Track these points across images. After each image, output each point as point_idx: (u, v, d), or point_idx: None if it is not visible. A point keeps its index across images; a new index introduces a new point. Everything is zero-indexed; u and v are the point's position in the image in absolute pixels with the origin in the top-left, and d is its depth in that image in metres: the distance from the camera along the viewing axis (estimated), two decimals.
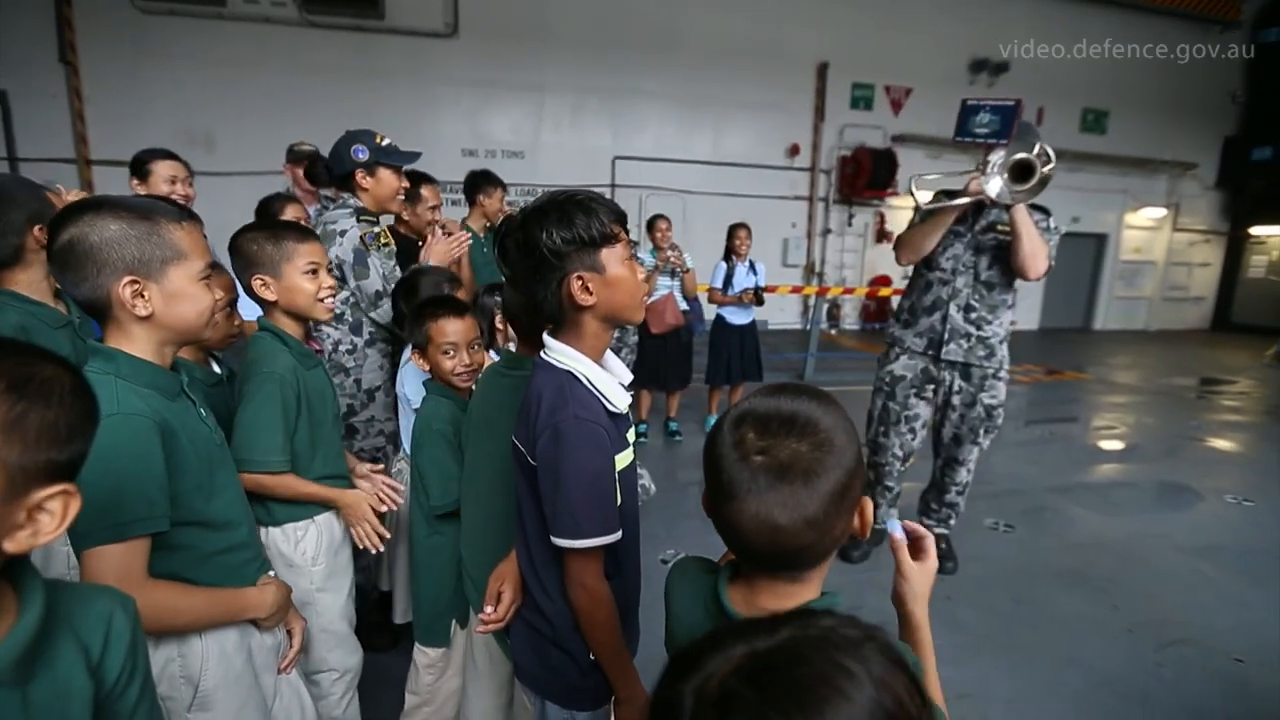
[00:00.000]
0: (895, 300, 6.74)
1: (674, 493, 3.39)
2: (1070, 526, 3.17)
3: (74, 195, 1.74)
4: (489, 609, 1.11)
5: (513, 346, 1.40)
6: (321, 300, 1.31)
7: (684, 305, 4.15)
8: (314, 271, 1.30)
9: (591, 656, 1.04)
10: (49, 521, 0.53)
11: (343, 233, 1.95)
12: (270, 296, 1.27)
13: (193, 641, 0.96)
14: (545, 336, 1.03)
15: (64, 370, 0.56)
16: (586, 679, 1.06)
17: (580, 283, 0.95)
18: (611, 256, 0.97)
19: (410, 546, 1.52)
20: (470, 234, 2.38)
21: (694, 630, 0.78)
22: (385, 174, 2.03)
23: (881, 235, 9.59)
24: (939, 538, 2.69)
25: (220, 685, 0.97)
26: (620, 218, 0.99)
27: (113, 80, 7.11)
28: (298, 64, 7.41)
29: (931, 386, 2.57)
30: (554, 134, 8.35)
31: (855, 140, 9.19)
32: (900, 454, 2.67)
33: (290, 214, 2.51)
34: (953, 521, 2.70)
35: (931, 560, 0.83)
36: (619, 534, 1.00)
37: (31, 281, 1.47)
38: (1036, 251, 2.24)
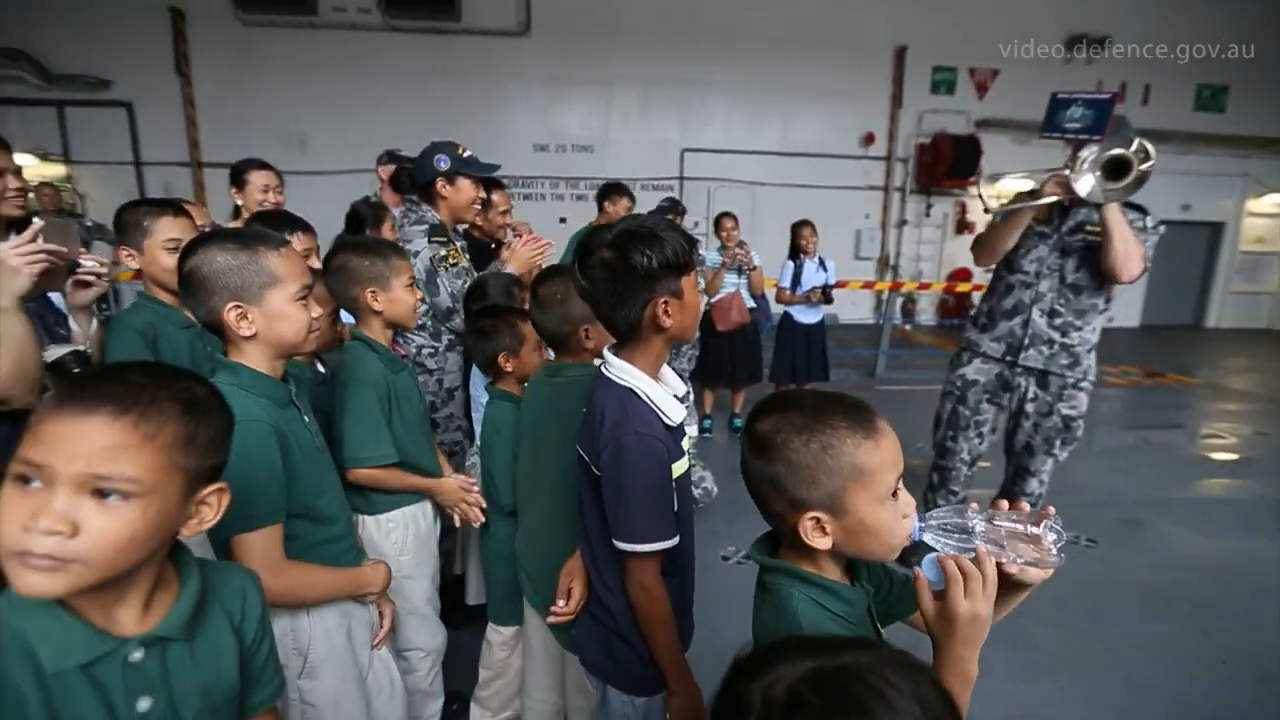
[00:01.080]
0: (976, 296, 6.44)
1: (736, 489, 3.39)
2: (1162, 544, 2.97)
3: (196, 212, 1.93)
4: (560, 603, 1.20)
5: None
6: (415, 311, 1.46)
7: (751, 303, 4.15)
8: (411, 285, 1.43)
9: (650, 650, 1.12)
10: (209, 513, 0.66)
11: (415, 253, 2.07)
12: (379, 308, 1.40)
13: (301, 619, 1.09)
14: (606, 353, 1.10)
15: (211, 391, 0.68)
16: (646, 668, 1.14)
17: (664, 306, 1.01)
18: (688, 283, 1.04)
19: (482, 535, 1.64)
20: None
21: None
22: (464, 184, 2.15)
23: (962, 226, 9.13)
24: None
25: (325, 657, 1.10)
26: (694, 245, 1.05)
27: (220, 88, 7.73)
28: (380, 67, 7.80)
29: (1006, 393, 2.47)
30: (623, 128, 8.43)
31: (935, 126, 8.77)
32: (968, 459, 2.58)
33: (387, 223, 2.70)
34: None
35: (954, 606, 0.71)
36: (676, 539, 1.06)
37: (159, 292, 1.67)
38: (1130, 253, 2.10)
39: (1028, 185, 2.32)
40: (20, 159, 1.69)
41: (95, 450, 0.56)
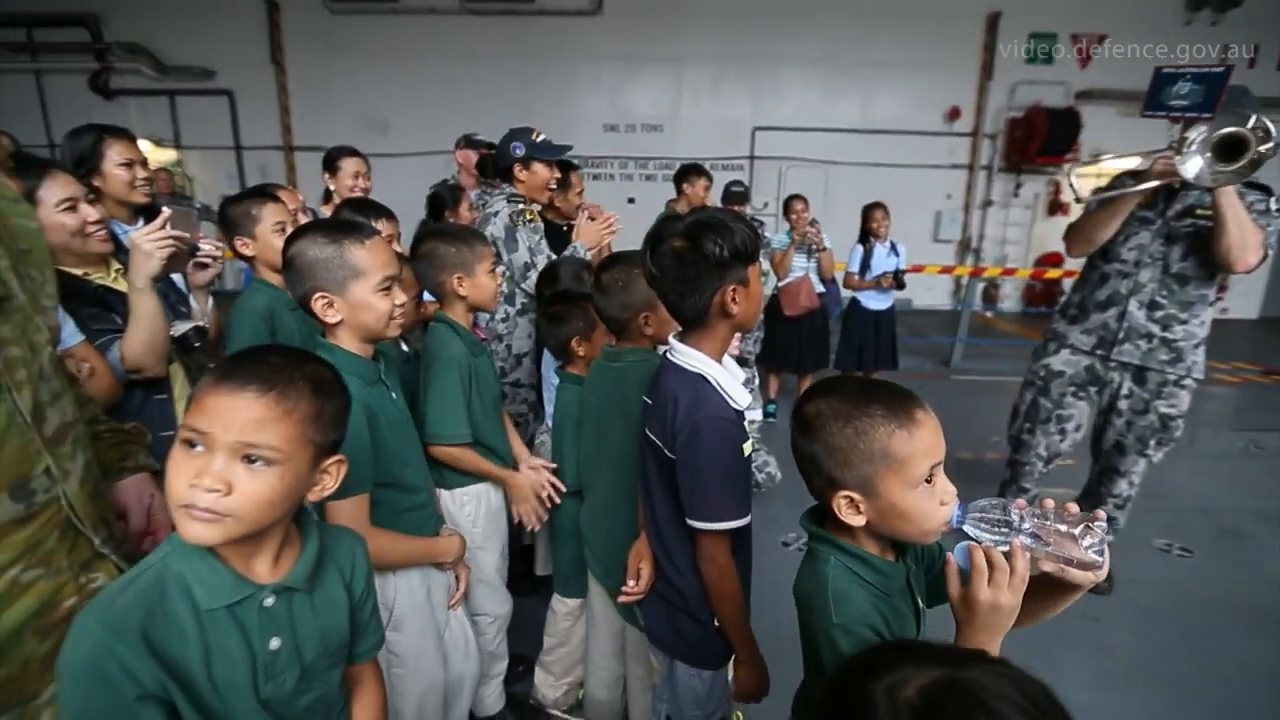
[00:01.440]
0: (1068, 284, 6.04)
1: (799, 475, 3.38)
2: (1266, 558, 2.74)
3: (288, 196, 2.07)
4: (631, 583, 1.27)
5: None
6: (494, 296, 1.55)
7: (820, 287, 4.05)
8: (493, 271, 1.52)
9: (716, 623, 1.17)
10: (329, 481, 0.76)
11: (495, 213, 2.21)
12: (463, 293, 1.49)
13: (388, 577, 1.20)
14: (673, 340, 1.14)
15: (334, 373, 0.77)
16: (712, 642, 1.19)
17: (733, 293, 1.05)
18: (753, 271, 1.07)
19: (551, 512, 1.71)
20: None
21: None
22: (538, 167, 2.26)
23: (1055, 207, 8.51)
24: None
25: (407, 613, 1.21)
26: (758, 235, 1.09)
27: (309, 76, 8.16)
28: (457, 50, 7.99)
29: (1095, 387, 2.32)
30: (693, 106, 8.30)
31: (1029, 99, 8.15)
32: (1044, 454, 2.45)
33: (464, 204, 2.82)
34: (1109, 537, 2.44)
35: (976, 593, 0.74)
36: (749, 517, 1.11)
37: (268, 274, 1.82)
38: (1245, 241, 1.92)
39: (1132, 163, 2.14)
40: (139, 146, 1.87)
41: (246, 422, 0.66)
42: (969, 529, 0.79)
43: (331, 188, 2.80)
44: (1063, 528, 0.74)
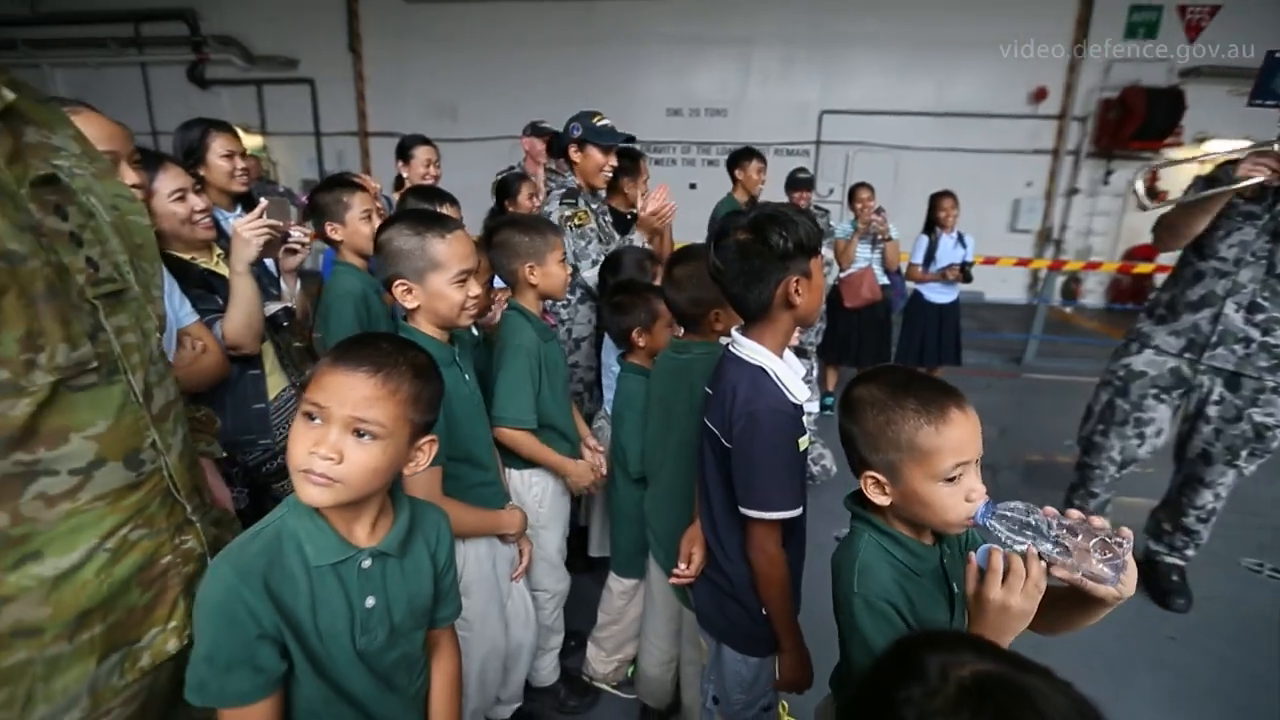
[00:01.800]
0: (1159, 279, 5.64)
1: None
2: None
3: (369, 181, 2.18)
4: (682, 566, 1.31)
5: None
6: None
7: (883, 279, 3.93)
8: (563, 261, 1.58)
9: (764, 611, 1.19)
10: (422, 458, 0.84)
11: (549, 213, 2.28)
12: (534, 281, 1.55)
13: (459, 546, 1.28)
14: (735, 333, 1.16)
15: (431, 361, 0.85)
16: (759, 629, 1.22)
17: (796, 284, 1.07)
18: (816, 265, 1.09)
19: (609, 495, 1.77)
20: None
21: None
22: (593, 151, 2.28)
23: (1151, 195, 7.85)
24: (1169, 568, 2.33)
25: (474, 580, 1.30)
26: (821, 231, 1.10)
27: (384, 63, 8.47)
28: (525, 36, 8.10)
29: (1180, 390, 2.18)
30: (760, 89, 8.13)
31: (1126, 78, 7.54)
32: (1117, 459, 2.31)
33: (525, 191, 2.88)
34: (1190, 552, 2.31)
35: (988, 592, 0.76)
36: (801, 509, 1.13)
37: (351, 258, 1.93)
38: None
39: (1239, 148, 1.98)
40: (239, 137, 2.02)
41: (357, 399, 0.74)
42: (992, 524, 0.80)
43: (404, 175, 2.93)
44: (1083, 539, 0.75)
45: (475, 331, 1.67)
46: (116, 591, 0.73)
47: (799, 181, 4.09)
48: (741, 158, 3.55)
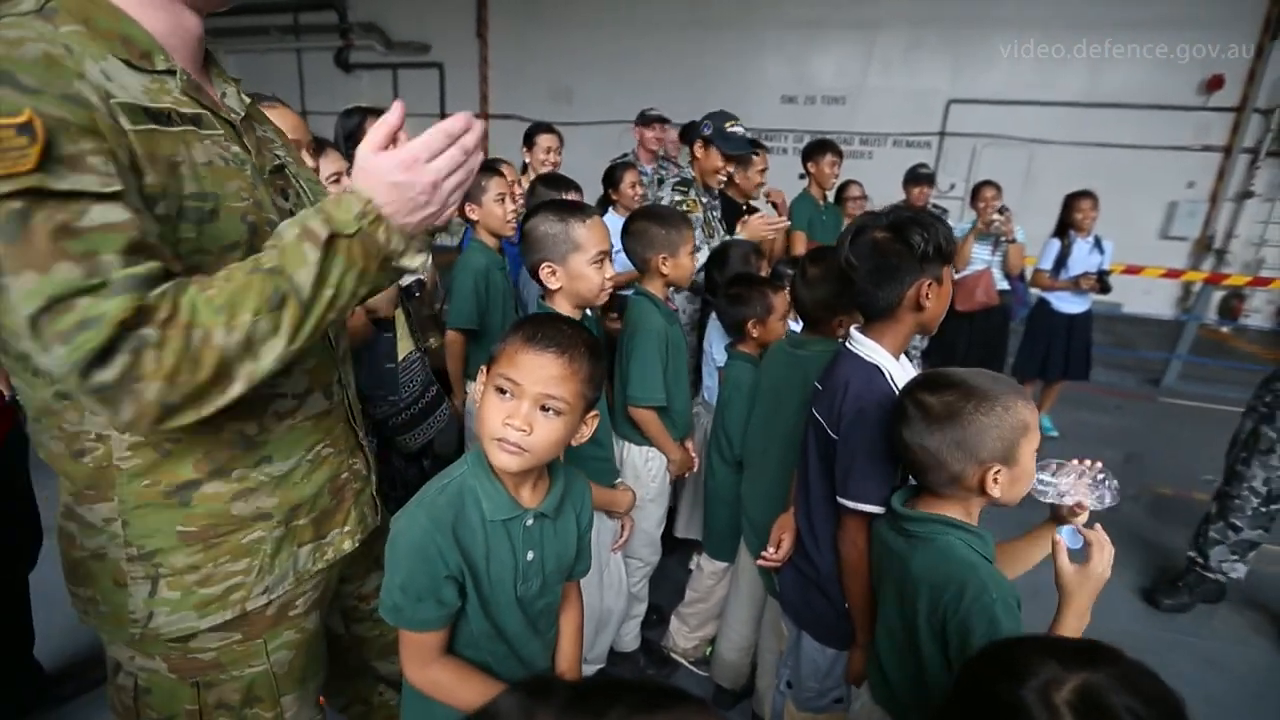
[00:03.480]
0: None
1: None
2: None
3: (508, 170, 2.33)
4: (771, 550, 1.35)
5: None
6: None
7: (1003, 283, 3.67)
8: (693, 253, 1.66)
9: (846, 605, 1.22)
10: (587, 431, 0.94)
11: (661, 199, 2.36)
12: (666, 271, 1.64)
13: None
14: (854, 331, 1.18)
15: (598, 343, 0.94)
16: (839, 622, 1.25)
17: (928, 288, 1.08)
18: (948, 273, 1.10)
19: (705, 479, 1.83)
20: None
21: (882, 528, 1.08)
22: (714, 153, 2.36)
23: None
24: None
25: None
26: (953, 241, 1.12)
27: (507, 47, 8.83)
28: (641, 20, 8.14)
29: None
30: (882, 76, 7.71)
31: None
32: (1261, 490, 2.10)
33: (628, 180, 2.94)
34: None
35: (1095, 568, 0.88)
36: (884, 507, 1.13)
37: (485, 237, 2.09)
38: None
39: None
40: None
41: (548, 378, 0.84)
42: (1053, 484, 0.98)
43: (526, 160, 3.08)
44: (1085, 478, 0.98)
45: (589, 312, 1.77)
46: (316, 493, 0.90)
47: (919, 176, 3.89)
48: (815, 151, 3.42)
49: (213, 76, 0.84)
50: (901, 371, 1.14)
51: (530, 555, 0.93)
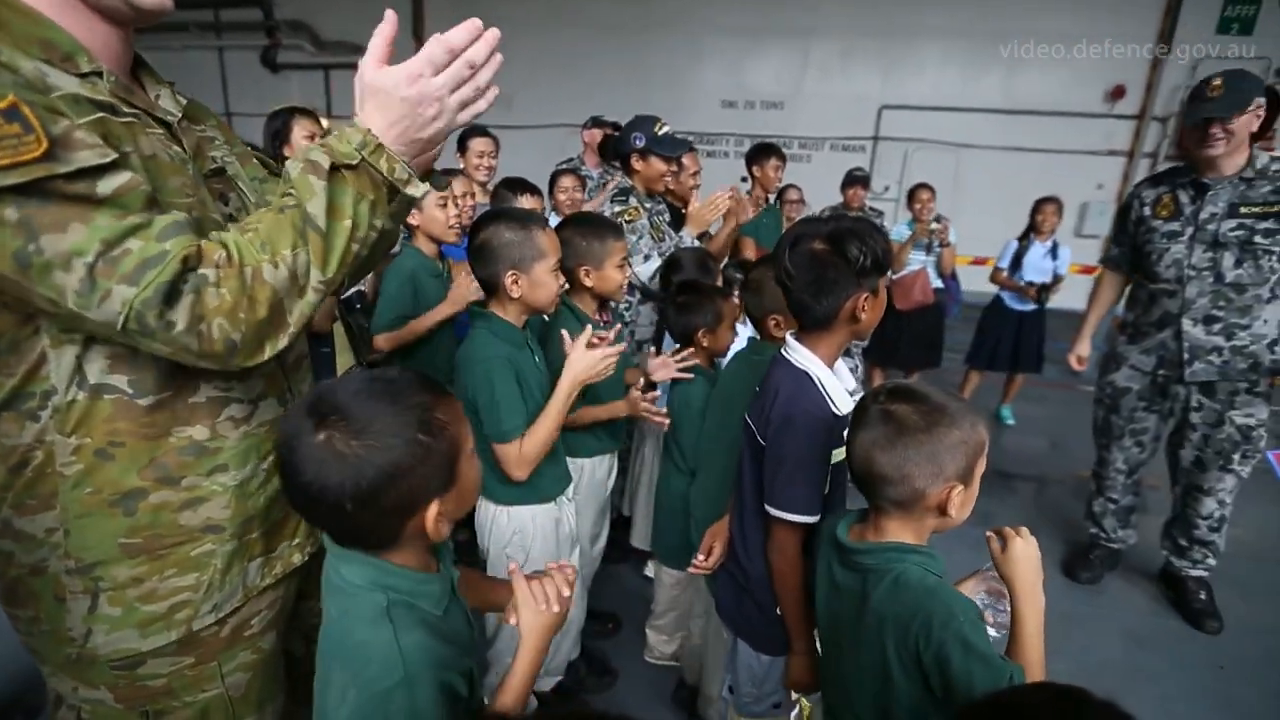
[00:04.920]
0: None
1: None
2: None
3: (458, 183, 2.26)
4: (700, 558, 1.36)
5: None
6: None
7: (937, 282, 3.85)
8: (622, 265, 1.63)
9: (779, 611, 1.22)
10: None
11: (604, 211, 2.30)
12: (589, 283, 1.60)
13: (528, 524, 1.40)
14: (789, 337, 1.18)
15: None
16: (772, 628, 1.25)
17: (865, 301, 1.08)
18: (884, 283, 1.10)
19: (658, 490, 1.82)
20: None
21: (826, 558, 1.03)
22: (655, 160, 2.31)
23: None
24: (1196, 583, 2.30)
25: (541, 555, 1.40)
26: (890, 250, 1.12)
27: None
28: (583, 24, 8.12)
29: (1163, 398, 2.22)
30: (818, 82, 7.96)
31: None
32: (1124, 468, 2.37)
33: (562, 184, 2.94)
34: (1211, 561, 2.27)
35: (1015, 550, 0.91)
36: (819, 517, 1.14)
37: (423, 243, 2.03)
38: None
39: None
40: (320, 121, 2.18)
41: None
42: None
43: (461, 166, 3.00)
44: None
45: (546, 318, 1.74)
46: (268, 505, 0.86)
47: (854, 179, 4.02)
48: (759, 154, 3.40)
49: (144, 79, 0.82)
50: (834, 380, 1.13)
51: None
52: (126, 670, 0.78)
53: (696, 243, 2.30)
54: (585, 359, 1.28)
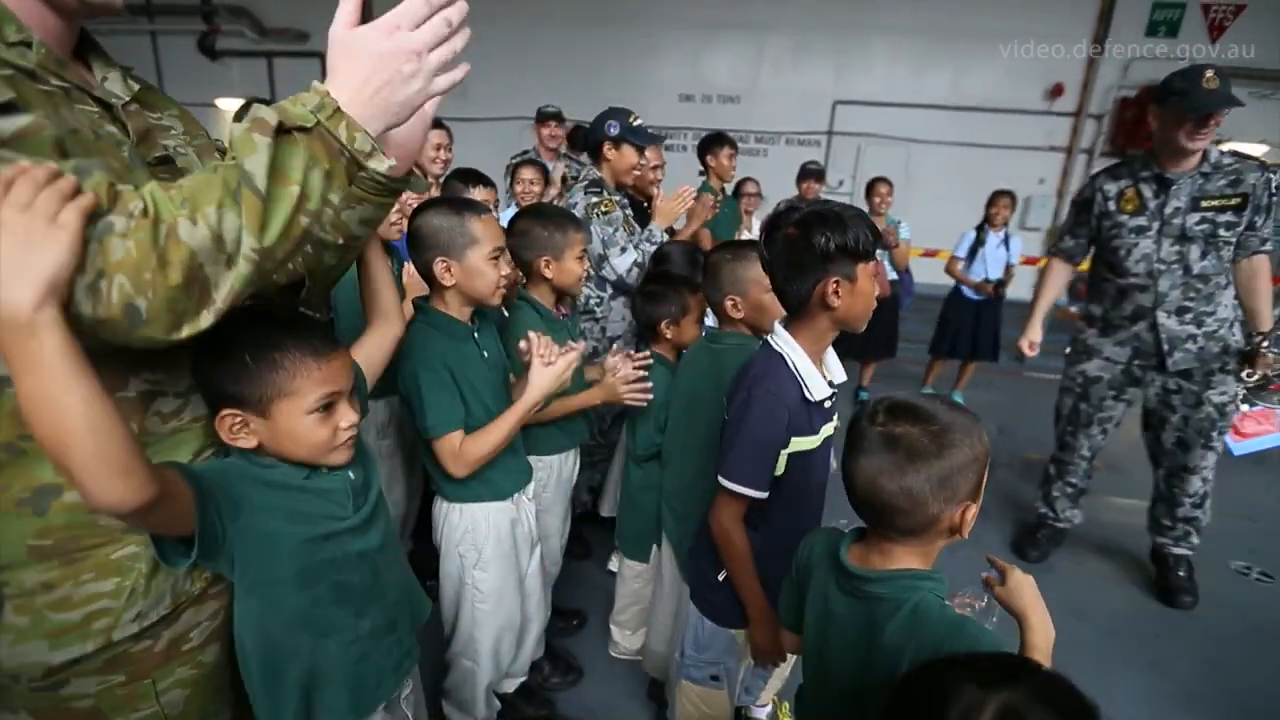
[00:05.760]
0: None
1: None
2: None
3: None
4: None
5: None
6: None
7: (892, 274, 3.97)
8: (582, 257, 1.59)
9: (720, 578, 1.25)
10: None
11: (573, 204, 2.25)
12: (549, 275, 1.57)
13: (480, 521, 1.36)
14: (776, 324, 1.19)
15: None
16: (713, 594, 1.28)
17: (835, 286, 1.07)
18: (864, 270, 1.08)
19: (622, 482, 1.81)
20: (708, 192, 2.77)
21: (822, 581, 0.95)
22: (627, 150, 2.29)
23: None
24: (1178, 559, 2.41)
25: (494, 555, 1.37)
26: (878, 239, 1.10)
27: None
28: (539, 15, 8.01)
29: (1134, 388, 2.31)
30: (773, 77, 8.06)
31: (1146, 77, 7.43)
32: (1088, 454, 2.48)
33: (523, 175, 2.91)
34: (1195, 539, 2.38)
35: (1012, 581, 0.91)
36: (764, 494, 1.16)
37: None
38: None
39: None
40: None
41: (342, 368, 0.88)
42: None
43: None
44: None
45: (506, 313, 1.70)
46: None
47: (809, 173, 4.08)
48: (711, 144, 3.31)
49: (93, 61, 0.77)
50: (809, 366, 1.13)
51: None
52: (48, 691, 0.72)
53: (666, 237, 2.29)
54: (544, 375, 1.27)
